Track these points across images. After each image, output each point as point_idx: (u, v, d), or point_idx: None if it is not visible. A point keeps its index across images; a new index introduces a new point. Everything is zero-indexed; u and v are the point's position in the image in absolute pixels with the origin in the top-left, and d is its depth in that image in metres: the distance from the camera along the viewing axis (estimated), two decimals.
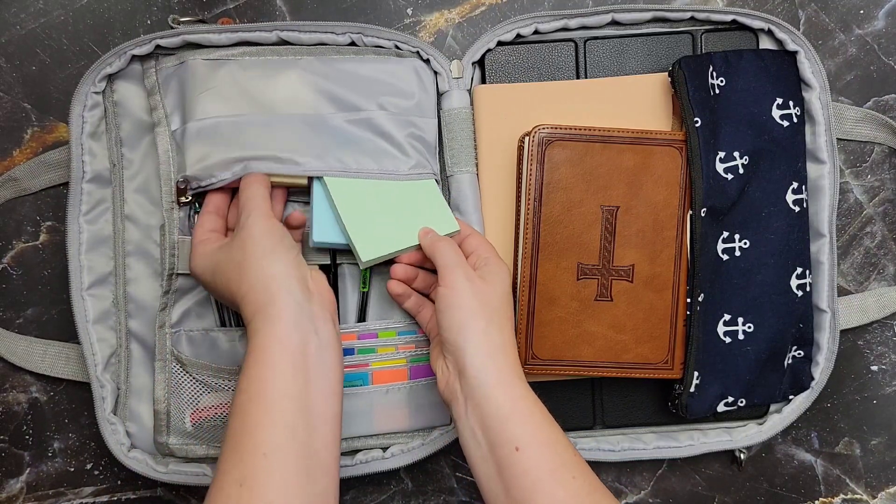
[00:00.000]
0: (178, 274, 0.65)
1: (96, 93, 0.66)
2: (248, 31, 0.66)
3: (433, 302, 0.64)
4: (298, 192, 0.67)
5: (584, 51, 0.70)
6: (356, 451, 0.68)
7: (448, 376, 0.58)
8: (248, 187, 0.61)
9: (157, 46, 0.66)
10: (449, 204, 0.69)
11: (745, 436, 0.70)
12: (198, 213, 0.66)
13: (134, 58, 0.66)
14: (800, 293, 0.68)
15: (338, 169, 0.64)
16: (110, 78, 0.67)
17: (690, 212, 0.65)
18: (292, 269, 0.56)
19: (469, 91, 0.69)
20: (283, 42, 0.67)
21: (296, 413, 0.50)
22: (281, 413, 0.50)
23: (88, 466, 0.71)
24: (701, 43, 0.70)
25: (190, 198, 0.64)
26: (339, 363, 0.55)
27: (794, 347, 0.69)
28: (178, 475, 0.66)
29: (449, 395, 0.58)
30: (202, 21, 0.68)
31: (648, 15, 0.69)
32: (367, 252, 0.63)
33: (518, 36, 0.69)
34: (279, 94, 0.65)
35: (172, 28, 0.66)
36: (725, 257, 0.66)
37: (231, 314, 0.67)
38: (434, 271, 0.62)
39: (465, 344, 0.56)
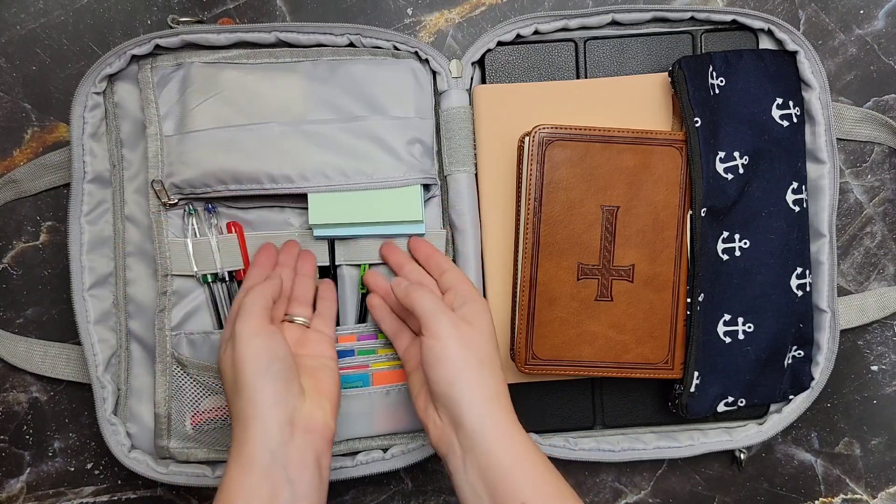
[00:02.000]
0: (173, 275, 0.66)
1: (97, 93, 0.66)
2: (246, 32, 0.66)
3: (413, 332, 0.63)
4: (293, 198, 0.67)
5: (584, 51, 0.70)
6: (356, 452, 0.68)
7: (442, 429, 0.55)
8: (248, 292, 0.56)
9: (157, 46, 0.66)
10: (447, 204, 0.69)
11: (745, 436, 0.70)
12: (191, 214, 0.66)
13: (133, 58, 0.66)
14: (800, 293, 0.68)
15: (335, 183, 0.64)
16: (110, 78, 0.67)
17: (690, 212, 0.65)
18: (276, 401, 0.51)
19: (468, 91, 0.69)
20: (282, 43, 0.67)
21: None
22: None
23: (88, 466, 0.72)
24: (701, 43, 0.70)
25: (175, 200, 0.64)
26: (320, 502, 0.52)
27: (794, 347, 0.69)
28: (179, 476, 0.66)
29: (444, 448, 0.55)
30: (201, 21, 0.68)
31: (648, 15, 0.69)
32: (317, 216, 0.64)
33: (518, 36, 0.69)
34: (276, 103, 0.65)
35: (172, 28, 0.66)
36: (725, 257, 0.66)
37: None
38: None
39: (461, 397, 0.53)
